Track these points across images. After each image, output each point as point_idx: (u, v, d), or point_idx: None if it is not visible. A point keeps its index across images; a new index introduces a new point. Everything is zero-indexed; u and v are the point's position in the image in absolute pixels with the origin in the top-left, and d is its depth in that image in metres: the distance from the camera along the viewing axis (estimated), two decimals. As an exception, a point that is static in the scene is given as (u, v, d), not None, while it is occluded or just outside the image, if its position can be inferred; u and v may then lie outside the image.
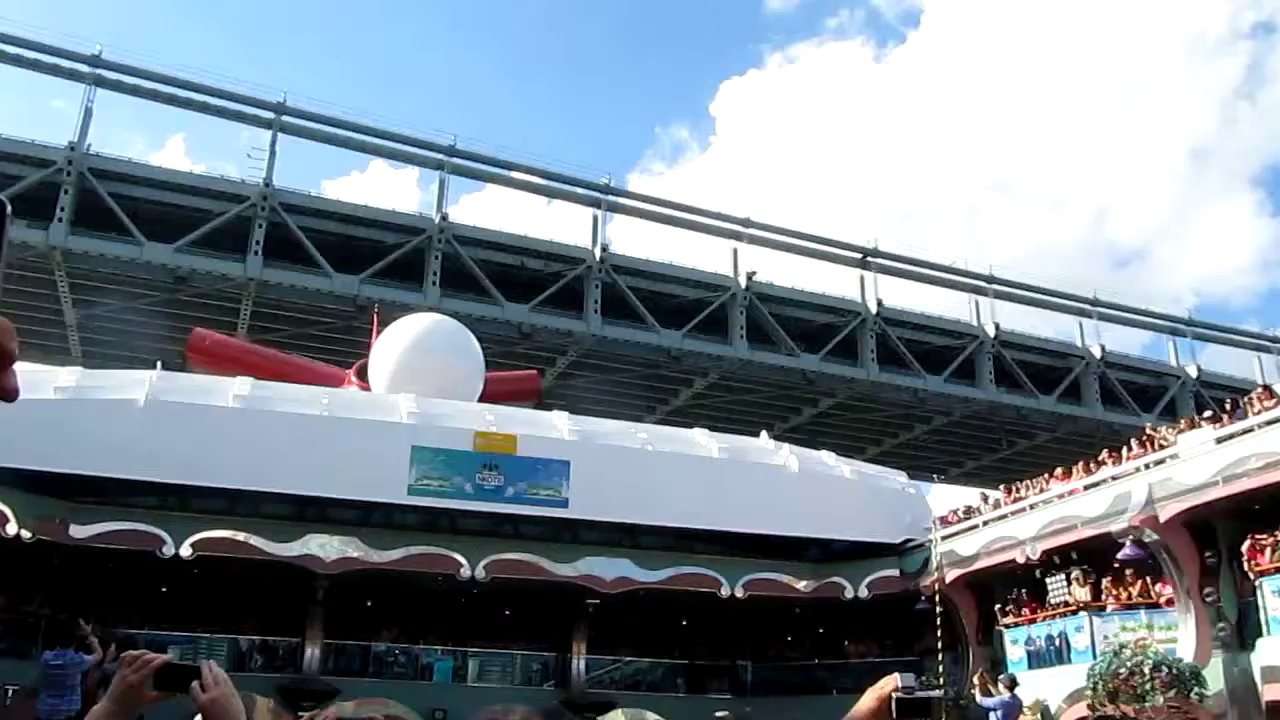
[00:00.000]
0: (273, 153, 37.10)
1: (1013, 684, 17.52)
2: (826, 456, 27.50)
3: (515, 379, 37.18)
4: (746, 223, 42.98)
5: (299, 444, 21.43)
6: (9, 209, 0.87)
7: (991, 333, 44.47)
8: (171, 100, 37.63)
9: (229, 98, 37.72)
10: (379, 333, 31.61)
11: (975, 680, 18.91)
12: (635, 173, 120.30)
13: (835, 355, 43.26)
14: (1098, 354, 45.78)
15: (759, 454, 26.61)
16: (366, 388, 29.28)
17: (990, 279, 45.01)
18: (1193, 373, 46.90)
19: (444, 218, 39.96)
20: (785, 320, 42.92)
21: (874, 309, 43.43)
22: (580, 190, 42.48)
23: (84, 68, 35.03)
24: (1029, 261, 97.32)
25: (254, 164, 37.15)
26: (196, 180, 37.59)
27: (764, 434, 30.34)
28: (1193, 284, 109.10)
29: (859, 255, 43.86)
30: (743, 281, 42.09)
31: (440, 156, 40.75)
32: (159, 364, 25.39)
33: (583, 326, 40.52)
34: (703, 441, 26.01)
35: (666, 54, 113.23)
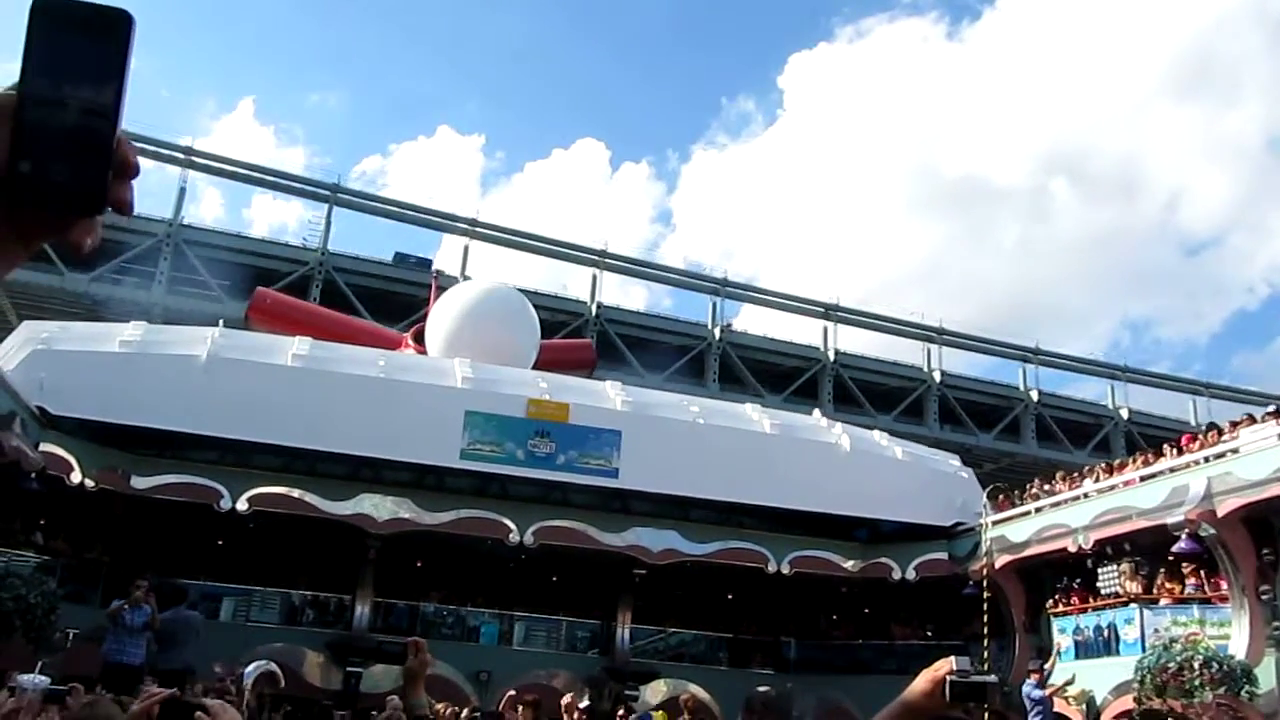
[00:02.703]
0: (328, 223, 43.24)
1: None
2: (879, 436, 27.34)
3: (570, 348, 37.36)
4: (724, 283, 48.39)
5: (355, 405, 21.72)
6: (135, 23, 0.90)
7: (938, 378, 48.46)
8: (250, 180, 45.73)
9: (295, 179, 45.85)
10: (436, 298, 31.89)
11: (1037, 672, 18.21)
12: (700, 145, 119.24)
13: (798, 395, 46.74)
14: (1035, 397, 49.62)
15: (811, 431, 26.53)
16: (423, 352, 29.57)
17: (940, 330, 49.18)
18: (1125, 415, 50.49)
19: (467, 278, 43.96)
20: (755, 364, 46.99)
21: (832, 356, 47.78)
22: (580, 254, 48.09)
23: (180, 155, 42.03)
24: (1100, 251, 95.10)
25: (313, 229, 44.13)
26: (268, 248, 43.12)
27: (816, 411, 30.25)
28: (1266, 275, 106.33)
29: (822, 309, 48.81)
30: (718, 333, 46.70)
31: (465, 226, 46.71)
32: (220, 322, 25.79)
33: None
34: (755, 417, 25.96)
35: (735, 23, 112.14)
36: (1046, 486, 23.67)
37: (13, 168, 0.87)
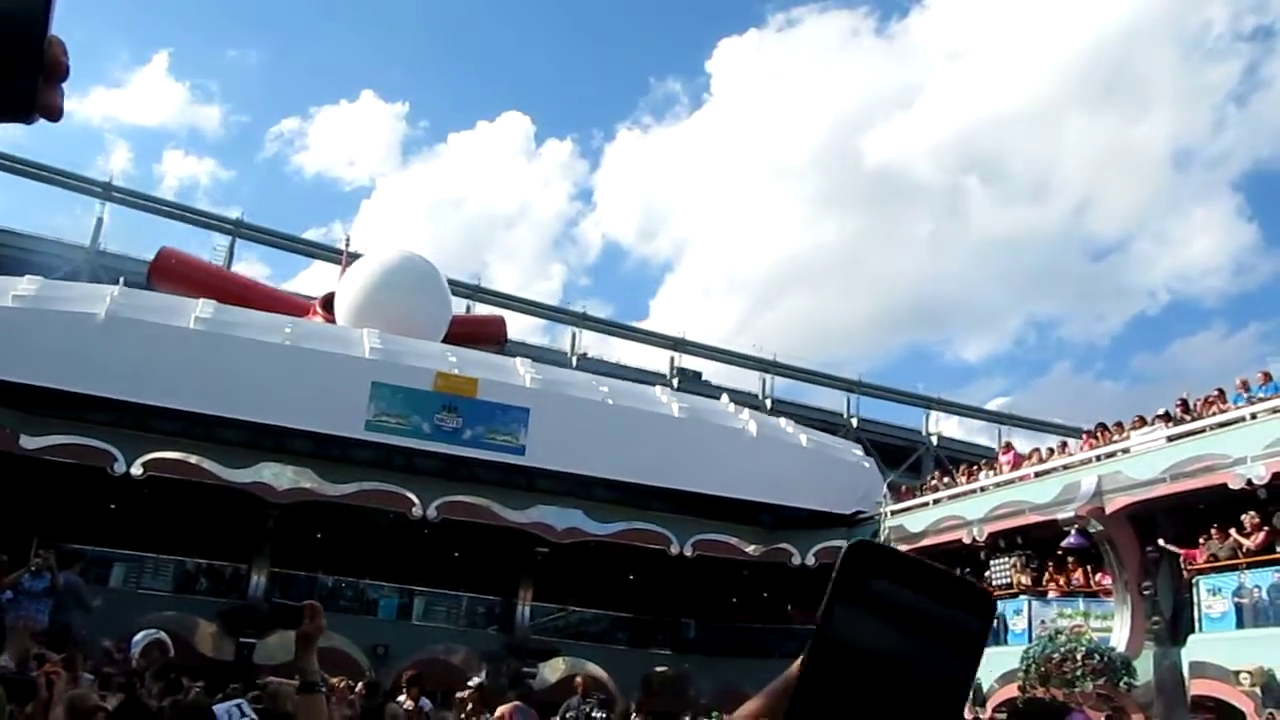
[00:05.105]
0: (231, 253, 45.48)
1: None
2: (785, 423, 27.66)
3: (481, 322, 37.14)
4: (584, 317, 51.79)
5: (259, 371, 21.31)
6: None
7: (769, 405, 50.99)
8: (162, 214, 48.20)
9: (203, 214, 48.85)
10: (348, 266, 31.38)
11: None
12: (625, 125, 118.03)
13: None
14: (855, 423, 53.43)
15: (718, 415, 26.75)
16: (331, 320, 29.09)
17: (774, 363, 53.49)
18: (935, 440, 54.95)
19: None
20: (606, 391, 49.43)
21: (676, 383, 49.94)
22: (459, 289, 49.00)
23: (99, 189, 44.59)
24: (1009, 250, 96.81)
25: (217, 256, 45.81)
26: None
27: (724, 396, 30.49)
28: (1166, 281, 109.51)
29: (671, 342, 52.92)
30: (575, 361, 48.56)
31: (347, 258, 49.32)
32: (121, 280, 25.06)
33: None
34: (664, 399, 26.09)
35: (666, 3, 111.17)
36: (946, 479, 24.20)
37: None
